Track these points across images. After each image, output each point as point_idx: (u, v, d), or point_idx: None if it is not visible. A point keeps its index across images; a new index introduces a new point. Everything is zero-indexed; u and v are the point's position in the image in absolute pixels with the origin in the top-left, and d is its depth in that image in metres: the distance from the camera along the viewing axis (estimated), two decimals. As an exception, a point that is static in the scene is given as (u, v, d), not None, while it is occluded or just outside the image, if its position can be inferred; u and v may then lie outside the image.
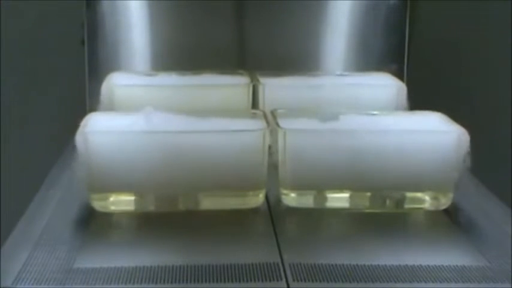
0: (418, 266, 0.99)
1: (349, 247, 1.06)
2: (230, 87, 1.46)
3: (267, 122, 1.19)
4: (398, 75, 1.58)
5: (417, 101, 1.41)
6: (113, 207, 1.15)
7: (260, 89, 1.42)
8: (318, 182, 1.16)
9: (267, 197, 1.19)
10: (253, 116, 1.24)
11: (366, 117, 1.24)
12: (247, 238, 1.10)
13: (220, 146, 1.14)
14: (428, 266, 0.99)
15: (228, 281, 0.95)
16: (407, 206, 1.17)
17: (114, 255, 1.03)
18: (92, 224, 1.13)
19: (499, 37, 1.88)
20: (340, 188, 1.17)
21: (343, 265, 0.99)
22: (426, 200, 1.18)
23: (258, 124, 1.19)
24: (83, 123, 1.17)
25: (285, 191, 1.17)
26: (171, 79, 1.48)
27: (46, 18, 1.84)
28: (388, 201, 1.17)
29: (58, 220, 1.14)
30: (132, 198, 1.15)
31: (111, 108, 1.39)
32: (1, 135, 1.88)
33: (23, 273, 0.96)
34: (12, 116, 1.88)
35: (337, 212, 1.17)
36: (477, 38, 1.88)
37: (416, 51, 1.73)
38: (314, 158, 1.14)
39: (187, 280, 0.95)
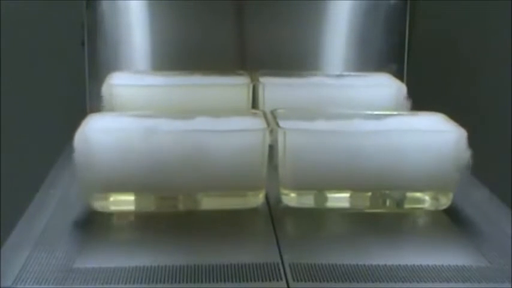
0: (418, 266, 0.99)
1: (349, 247, 1.06)
2: (230, 87, 1.45)
3: (267, 122, 1.19)
4: (398, 75, 1.58)
5: (417, 101, 1.41)
6: (113, 207, 1.15)
7: (260, 89, 1.42)
8: (318, 182, 1.16)
9: (267, 197, 1.18)
10: (253, 116, 1.24)
11: (366, 117, 1.24)
12: (247, 238, 1.10)
13: (220, 146, 1.14)
14: (428, 266, 0.99)
15: (228, 281, 0.95)
16: (407, 206, 1.17)
17: (114, 255, 1.03)
18: (92, 224, 1.13)
19: (499, 37, 1.88)
20: (340, 188, 1.17)
21: (343, 265, 0.99)
22: (426, 200, 1.18)
23: (258, 124, 1.19)
24: (83, 123, 1.17)
25: (285, 191, 1.17)
26: (171, 79, 1.48)
27: (46, 19, 1.83)
28: (388, 201, 1.17)
29: (58, 220, 1.14)
30: (132, 198, 1.15)
31: (111, 108, 1.39)
32: (1, 135, 1.88)
33: (23, 273, 0.96)
34: (12, 116, 1.88)
35: (337, 212, 1.17)
36: (477, 38, 1.88)
37: (416, 51, 1.73)
38: (314, 158, 1.14)
39: (187, 280, 0.95)
